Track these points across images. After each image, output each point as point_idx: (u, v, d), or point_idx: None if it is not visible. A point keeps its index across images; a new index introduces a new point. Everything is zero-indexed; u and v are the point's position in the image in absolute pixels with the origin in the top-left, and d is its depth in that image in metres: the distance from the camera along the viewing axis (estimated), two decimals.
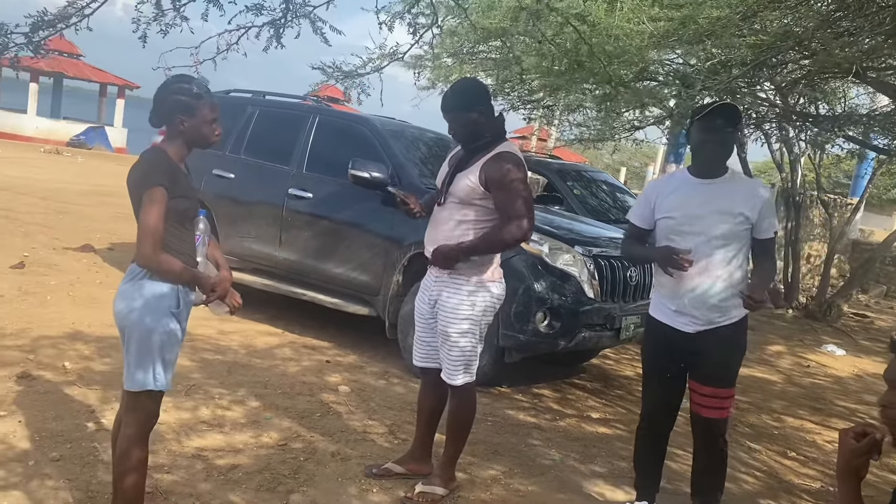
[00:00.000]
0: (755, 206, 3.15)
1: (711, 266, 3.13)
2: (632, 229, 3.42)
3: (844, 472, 1.84)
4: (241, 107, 6.84)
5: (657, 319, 3.32)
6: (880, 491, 4.21)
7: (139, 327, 2.57)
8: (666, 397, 3.38)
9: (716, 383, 3.24)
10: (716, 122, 3.11)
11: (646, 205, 3.31)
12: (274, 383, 4.70)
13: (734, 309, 3.18)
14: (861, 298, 12.85)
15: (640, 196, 3.41)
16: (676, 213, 3.19)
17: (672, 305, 3.23)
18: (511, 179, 3.25)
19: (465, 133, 3.36)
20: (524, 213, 3.24)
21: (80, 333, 5.13)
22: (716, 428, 3.29)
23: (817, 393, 6.63)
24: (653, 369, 3.43)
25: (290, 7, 3.12)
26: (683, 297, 3.18)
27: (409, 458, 3.70)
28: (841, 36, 4.11)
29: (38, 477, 3.15)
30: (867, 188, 11.92)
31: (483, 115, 3.35)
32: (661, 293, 3.31)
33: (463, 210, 3.34)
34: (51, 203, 11.11)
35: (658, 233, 3.28)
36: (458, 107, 3.34)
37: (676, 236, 3.17)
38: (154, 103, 2.69)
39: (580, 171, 8.62)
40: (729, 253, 3.15)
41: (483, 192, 3.28)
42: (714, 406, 3.24)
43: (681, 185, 3.25)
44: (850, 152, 9.37)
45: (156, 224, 2.50)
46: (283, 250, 6.12)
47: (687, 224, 3.15)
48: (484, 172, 3.27)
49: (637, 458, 3.55)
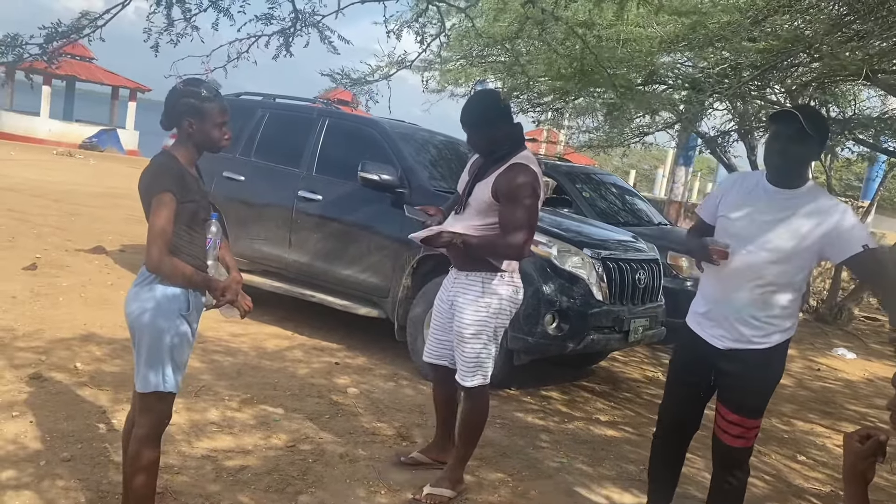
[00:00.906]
0: (823, 227, 2.80)
1: (753, 277, 2.86)
2: (697, 222, 3.21)
3: (851, 475, 1.85)
4: (251, 110, 6.88)
5: (690, 328, 3.09)
6: (890, 495, 4.19)
7: (150, 329, 2.59)
8: (685, 413, 3.17)
9: (742, 412, 2.97)
10: (781, 128, 2.84)
11: (714, 198, 3.10)
12: (283, 385, 4.72)
13: (774, 333, 2.91)
14: (872, 301, 12.74)
15: (714, 189, 3.29)
16: (734, 213, 2.94)
17: (706, 314, 3.01)
18: (517, 192, 3.28)
19: (483, 146, 3.44)
20: (522, 227, 3.26)
21: (91, 335, 5.17)
22: (737, 456, 3.04)
23: (828, 396, 6.60)
24: (677, 382, 3.20)
25: (298, 16, 3.14)
26: (718, 306, 2.96)
27: (433, 448, 3.79)
28: (851, 39, 4.10)
29: (50, 477, 3.18)
30: (878, 191, 11.87)
31: (501, 129, 3.40)
32: (699, 299, 3.09)
33: (482, 218, 3.40)
34: (63, 205, 11.19)
35: (717, 230, 3.03)
36: (476, 122, 3.42)
37: (728, 237, 2.92)
38: (165, 106, 2.72)
39: (589, 174, 8.63)
40: (778, 269, 2.84)
41: (495, 202, 3.33)
42: (737, 434, 2.98)
43: (751, 188, 2.98)
44: (861, 155, 9.33)
45: (164, 229, 2.53)
46: (293, 252, 6.15)
47: (741, 229, 2.89)
48: (496, 183, 3.32)
49: (652, 467, 3.37)
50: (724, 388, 3.01)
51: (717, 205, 3.04)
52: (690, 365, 3.10)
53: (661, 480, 3.32)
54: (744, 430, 2.99)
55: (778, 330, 2.92)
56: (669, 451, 3.28)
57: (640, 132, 8.69)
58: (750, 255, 2.86)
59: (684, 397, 3.14)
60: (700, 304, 3.07)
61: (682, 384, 3.15)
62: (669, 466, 3.30)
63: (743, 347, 2.92)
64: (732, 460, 3.05)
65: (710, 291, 3.03)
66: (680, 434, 3.22)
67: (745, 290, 2.88)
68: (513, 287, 3.48)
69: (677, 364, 3.24)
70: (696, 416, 3.18)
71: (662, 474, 3.32)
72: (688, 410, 3.16)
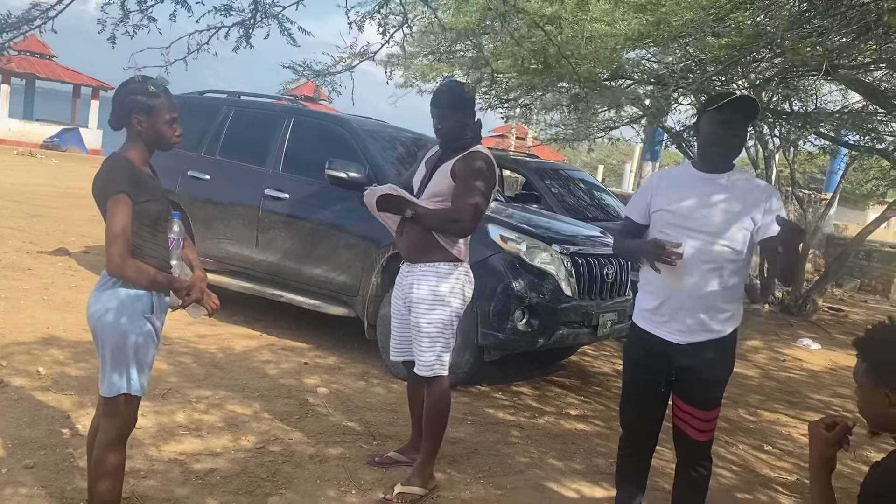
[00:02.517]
0: (762, 208, 2.83)
1: (705, 265, 2.84)
2: (626, 223, 3.16)
3: (817, 462, 1.88)
4: (215, 107, 6.80)
5: (640, 327, 3.02)
6: (854, 482, 4.27)
7: (113, 331, 2.55)
8: (647, 413, 3.09)
9: (706, 406, 2.97)
10: (730, 115, 2.82)
11: (643, 197, 3.04)
12: (252, 386, 4.68)
13: (727, 321, 2.92)
14: (836, 292, 13.02)
15: (639, 189, 3.24)
16: (673, 206, 2.91)
17: (658, 309, 2.94)
18: (473, 174, 3.41)
19: (451, 130, 3.51)
20: (471, 205, 3.37)
21: (54, 338, 5.07)
22: (700, 449, 3.04)
23: (793, 387, 6.72)
24: (633, 384, 3.13)
25: (258, 8, 3.10)
26: (671, 298, 2.90)
27: (409, 448, 3.80)
28: (811, 35, 4.16)
29: (12, 484, 3.11)
30: (840, 183, 12.07)
31: (469, 116, 3.55)
32: (646, 295, 3.01)
33: (438, 203, 3.48)
34: (24, 206, 10.96)
35: (652, 227, 2.99)
36: (450, 104, 3.50)
37: (670, 231, 2.88)
38: (112, 105, 2.67)
39: (558, 170, 8.67)
40: (726, 254, 2.85)
41: (452, 184, 3.43)
42: (700, 428, 2.98)
43: (681, 178, 2.99)
44: (823, 149, 9.50)
45: (123, 231, 2.48)
46: (260, 252, 6.09)
47: (684, 219, 2.87)
48: (454, 166, 3.44)
49: (620, 471, 3.30)
50: (685, 384, 2.96)
51: (648, 203, 3.00)
52: (645, 364, 3.03)
53: (632, 484, 3.25)
54: (709, 424, 2.99)
55: (731, 315, 2.92)
56: (638, 458, 3.22)
57: (606, 126, 8.73)
58: (699, 240, 2.84)
59: (646, 400, 3.07)
60: (647, 301, 3.00)
61: (642, 385, 3.07)
62: (640, 470, 3.24)
63: (702, 340, 2.90)
64: (700, 453, 3.05)
65: (659, 285, 2.94)
66: (647, 437, 3.16)
67: (697, 275, 2.86)
68: (466, 277, 3.54)
69: (631, 366, 3.15)
70: (660, 415, 3.12)
71: (633, 480, 3.25)
72: (652, 411, 3.09)
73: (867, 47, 4.44)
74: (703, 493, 3.14)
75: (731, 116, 2.83)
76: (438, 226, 3.45)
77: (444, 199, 3.46)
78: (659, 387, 3.00)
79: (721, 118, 2.83)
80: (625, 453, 3.23)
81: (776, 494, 4.15)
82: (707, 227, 2.85)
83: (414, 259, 3.55)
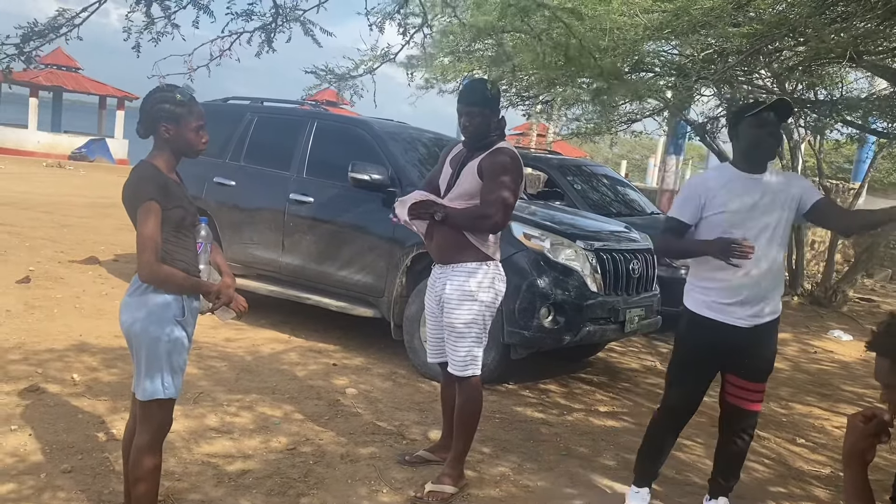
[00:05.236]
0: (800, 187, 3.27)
1: (769, 257, 3.20)
2: (671, 224, 3.33)
3: (851, 454, 1.86)
4: (239, 114, 6.87)
5: (706, 317, 3.25)
6: (889, 474, 4.21)
7: (146, 337, 2.59)
8: (697, 395, 3.38)
9: (762, 378, 3.35)
10: (772, 118, 3.16)
11: (693, 201, 3.25)
12: (281, 388, 4.72)
13: (779, 300, 3.31)
14: (867, 283, 12.81)
15: (682, 193, 3.37)
16: (733, 205, 3.17)
17: (729, 300, 3.20)
18: (501, 170, 3.42)
19: (478, 128, 3.52)
20: (500, 201, 3.38)
21: (87, 345, 5.16)
22: (753, 419, 3.42)
23: (824, 379, 6.63)
24: (694, 367, 3.36)
25: (279, 12, 3.13)
26: (744, 290, 3.18)
27: (439, 447, 3.80)
28: (835, 21, 4.11)
29: (51, 489, 3.17)
30: (869, 172, 11.87)
31: (496, 113, 3.57)
32: (713, 289, 3.24)
33: (465, 202, 3.49)
34: (54, 217, 11.15)
35: (709, 228, 3.22)
36: (480, 102, 3.51)
37: (735, 229, 3.13)
38: (140, 114, 2.71)
39: (580, 166, 8.64)
40: (780, 242, 3.24)
41: (479, 182, 3.44)
42: (756, 399, 3.35)
43: (732, 180, 3.23)
44: (850, 137, 9.35)
45: (152, 237, 2.52)
46: (287, 255, 6.14)
47: (746, 217, 3.16)
48: (481, 163, 3.45)
49: (650, 448, 3.50)
50: (746, 361, 3.29)
51: (700, 205, 3.24)
52: (711, 351, 3.30)
53: (658, 460, 3.53)
54: (762, 394, 3.39)
55: (780, 296, 3.31)
56: (675, 433, 3.49)
57: (628, 119, 8.67)
58: (762, 237, 3.16)
59: (702, 382, 3.36)
60: (725, 295, 3.22)
61: (704, 369, 3.35)
62: (672, 443, 3.52)
63: (767, 321, 3.25)
64: (750, 423, 3.42)
65: (738, 282, 3.18)
66: (692, 412, 3.44)
67: (766, 268, 3.19)
68: (496, 272, 3.54)
69: (694, 352, 3.36)
70: (702, 397, 3.42)
71: (661, 456, 3.52)
72: (702, 393, 3.39)
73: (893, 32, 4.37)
74: (744, 457, 3.52)
75: (772, 119, 3.17)
76: (469, 224, 3.46)
77: (473, 198, 3.46)
78: (716, 371, 3.36)
79: (763, 121, 3.16)
80: (667, 427, 3.47)
81: (810, 487, 4.11)
82: (767, 221, 3.19)
83: (446, 260, 3.55)
